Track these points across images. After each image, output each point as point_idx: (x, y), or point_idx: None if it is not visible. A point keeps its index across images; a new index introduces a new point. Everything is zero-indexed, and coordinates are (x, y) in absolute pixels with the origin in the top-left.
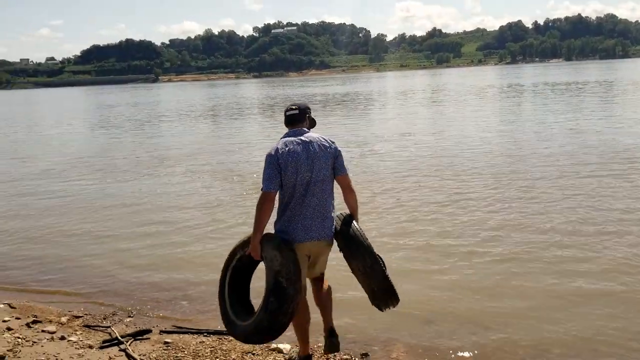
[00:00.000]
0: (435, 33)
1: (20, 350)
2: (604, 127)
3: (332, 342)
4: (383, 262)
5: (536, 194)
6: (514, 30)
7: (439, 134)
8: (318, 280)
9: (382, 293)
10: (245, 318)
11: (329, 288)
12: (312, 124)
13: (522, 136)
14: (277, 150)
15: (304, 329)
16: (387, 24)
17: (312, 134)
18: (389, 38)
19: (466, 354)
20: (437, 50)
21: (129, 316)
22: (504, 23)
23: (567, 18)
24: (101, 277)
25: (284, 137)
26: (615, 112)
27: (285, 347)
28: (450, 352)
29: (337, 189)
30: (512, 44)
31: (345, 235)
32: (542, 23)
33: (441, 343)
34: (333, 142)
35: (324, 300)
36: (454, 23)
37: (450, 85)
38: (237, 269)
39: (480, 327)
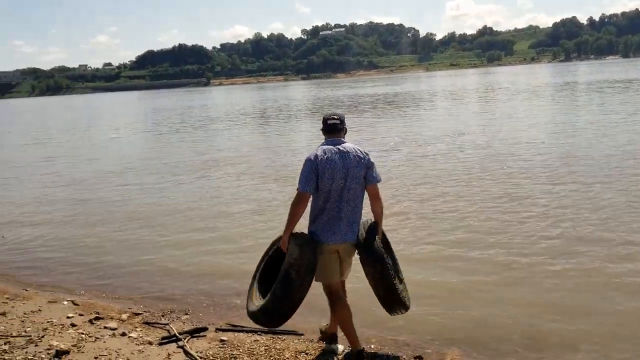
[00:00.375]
0: (486, 31)
1: (83, 346)
2: None
3: (330, 346)
4: (396, 270)
5: (598, 199)
6: (568, 27)
7: (493, 134)
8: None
9: (388, 299)
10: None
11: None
12: (346, 132)
13: (581, 136)
14: (316, 156)
15: (350, 325)
16: (436, 23)
17: (348, 145)
18: (439, 37)
19: (522, 357)
20: (488, 48)
21: (186, 314)
22: (557, 20)
23: (624, 13)
24: (158, 277)
25: (323, 144)
26: None
27: (338, 347)
28: (506, 355)
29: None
30: (566, 41)
31: (363, 241)
32: (597, 19)
33: (497, 348)
34: (367, 154)
35: None
36: (505, 21)
37: (503, 83)
38: (271, 258)
39: (538, 337)
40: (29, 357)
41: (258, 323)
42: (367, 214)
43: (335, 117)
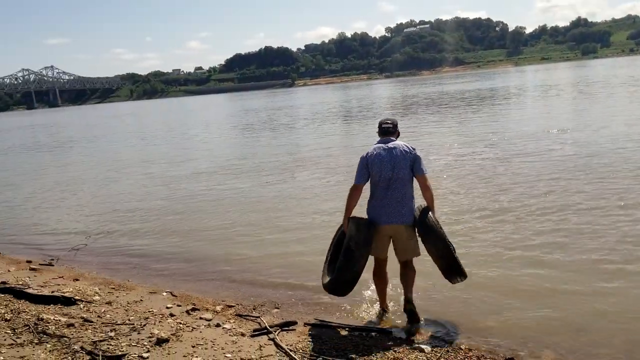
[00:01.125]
0: (580, 22)
1: (182, 335)
2: None
3: (407, 307)
4: (453, 247)
5: None
6: None
7: (593, 131)
8: (405, 265)
9: (451, 271)
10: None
11: (413, 271)
12: (398, 134)
13: None
14: (367, 154)
15: (383, 291)
16: (526, 17)
17: (397, 142)
18: (528, 30)
19: None
20: (582, 40)
21: (276, 308)
22: None
23: None
24: (251, 273)
25: (376, 143)
26: None
27: (427, 347)
28: None
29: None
30: None
31: (421, 224)
32: None
33: (595, 352)
34: (414, 149)
35: (407, 279)
36: (600, 11)
37: (601, 77)
38: (339, 240)
39: (637, 343)
40: (133, 344)
41: (330, 292)
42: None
43: (389, 122)
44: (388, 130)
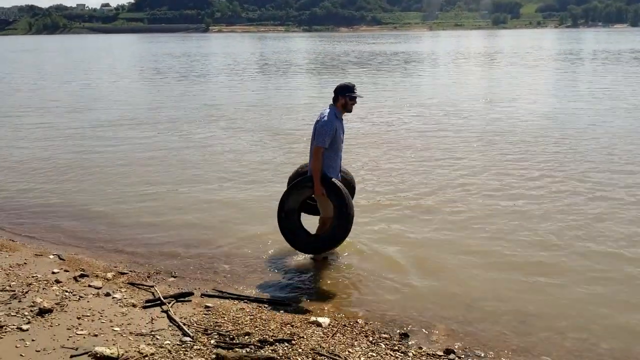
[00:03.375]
0: None
1: (67, 305)
2: None
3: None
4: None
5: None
6: None
7: (510, 101)
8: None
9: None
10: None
11: None
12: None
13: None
14: (333, 120)
15: None
16: None
17: (324, 110)
18: None
19: (509, 342)
20: (494, 10)
21: (172, 276)
22: None
23: None
24: (147, 235)
25: (332, 108)
26: None
27: (324, 321)
28: (492, 338)
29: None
30: (574, 7)
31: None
32: None
33: (483, 328)
34: (319, 120)
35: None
36: None
37: (513, 48)
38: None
39: (525, 313)
40: (12, 314)
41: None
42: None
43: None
44: (333, 96)
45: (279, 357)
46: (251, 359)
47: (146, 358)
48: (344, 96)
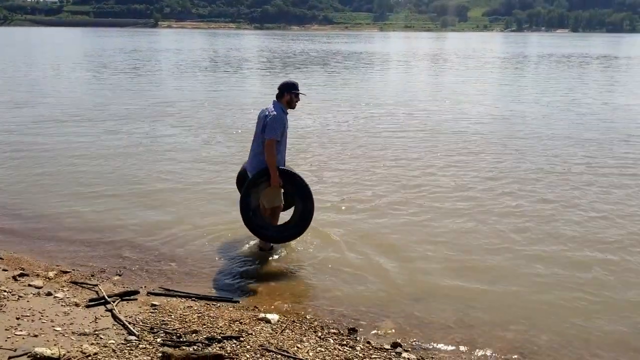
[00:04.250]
0: None
1: (5, 305)
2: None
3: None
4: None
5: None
6: None
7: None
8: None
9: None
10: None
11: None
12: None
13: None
14: (282, 114)
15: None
16: None
17: (271, 105)
18: None
19: (453, 334)
20: (442, 13)
21: (118, 274)
22: None
23: None
24: (90, 232)
25: (279, 104)
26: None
27: (273, 317)
28: (437, 331)
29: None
30: (519, 12)
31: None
32: None
33: (429, 320)
34: (269, 114)
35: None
36: None
37: (464, 50)
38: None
39: (469, 307)
40: None
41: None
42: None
43: (281, 84)
44: (278, 92)
45: (227, 355)
46: (198, 357)
47: (89, 358)
48: (290, 93)
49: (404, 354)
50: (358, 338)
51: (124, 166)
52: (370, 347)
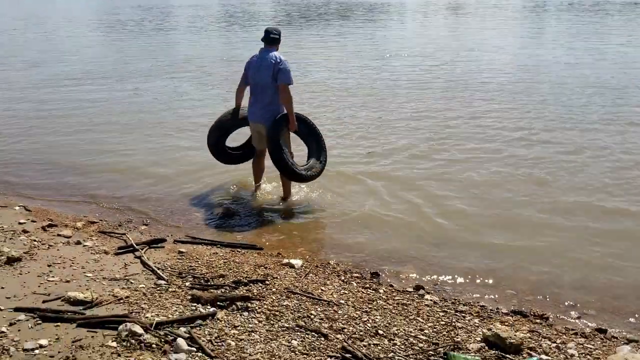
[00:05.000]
0: None
1: (36, 253)
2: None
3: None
4: (286, 154)
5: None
6: None
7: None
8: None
9: (281, 171)
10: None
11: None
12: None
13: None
14: (249, 59)
15: (259, 176)
16: None
17: (271, 53)
18: None
19: (476, 277)
20: None
21: (144, 224)
22: None
23: None
24: (115, 184)
25: (260, 51)
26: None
27: (297, 262)
28: (461, 274)
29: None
30: None
31: (270, 127)
32: None
33: (452, 265)
34: (282, 61)
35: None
36: None
37: None
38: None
39: (494, 252)
40: None
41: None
42: None
43: (275, 32)
44: (273, 40)
45: (253, 297)
46: (226, 299)
47: (121, 301)
48: None
49: (427, 296)
50: (381, 282)
51: (146, 122)
52: (394, 290)
